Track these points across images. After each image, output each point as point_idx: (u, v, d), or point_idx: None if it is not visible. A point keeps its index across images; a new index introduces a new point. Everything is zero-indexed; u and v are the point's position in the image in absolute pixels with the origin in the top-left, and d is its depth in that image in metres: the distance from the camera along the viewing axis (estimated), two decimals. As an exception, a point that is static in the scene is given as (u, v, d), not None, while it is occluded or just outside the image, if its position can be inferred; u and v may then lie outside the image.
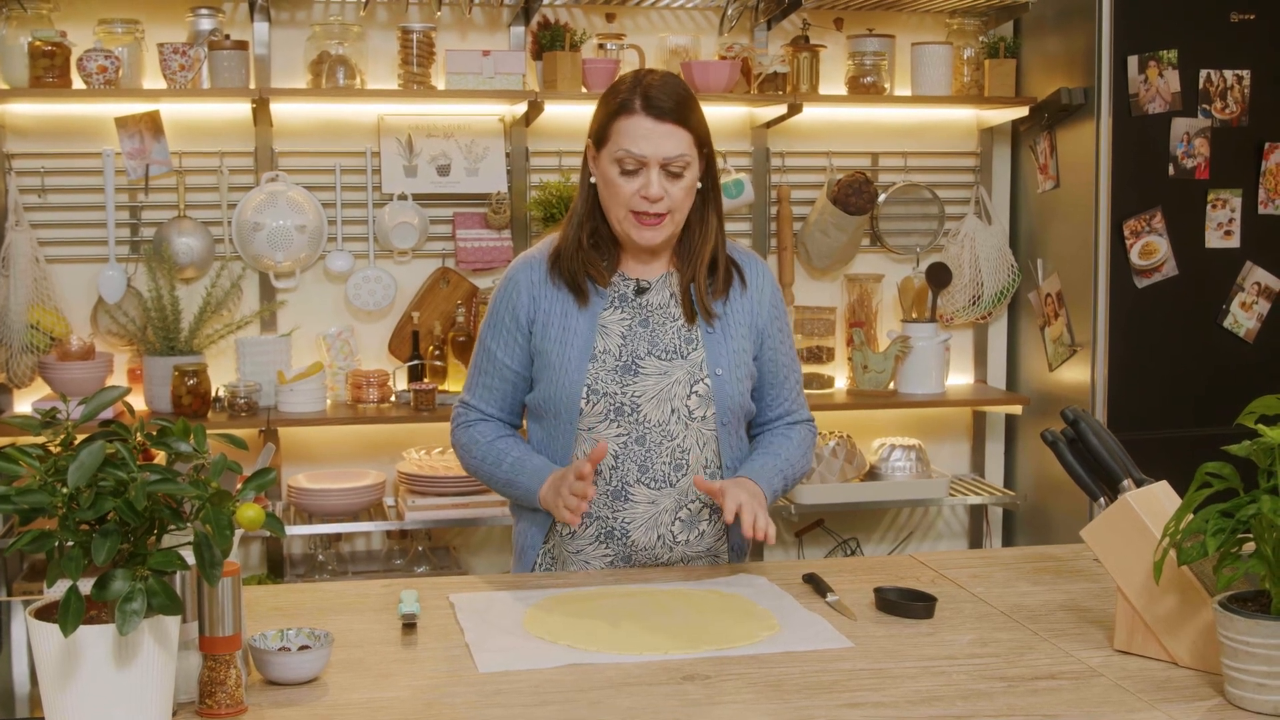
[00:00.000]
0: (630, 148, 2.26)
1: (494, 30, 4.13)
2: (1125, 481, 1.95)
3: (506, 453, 2.38)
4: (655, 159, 2.26)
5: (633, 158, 2.26)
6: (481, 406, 2.44)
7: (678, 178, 2.29)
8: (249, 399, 3.81)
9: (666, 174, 2.28)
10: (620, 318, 2.36)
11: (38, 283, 3.78)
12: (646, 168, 2.27)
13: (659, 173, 2.27)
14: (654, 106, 2.26)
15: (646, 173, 2.27)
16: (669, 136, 2.27)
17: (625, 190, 2.28)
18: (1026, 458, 4.43)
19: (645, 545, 2.36)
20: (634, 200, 2.28)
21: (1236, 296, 4.02)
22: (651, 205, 2.28)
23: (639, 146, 2.26)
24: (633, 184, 2.27)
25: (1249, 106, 3.97)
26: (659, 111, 2.26)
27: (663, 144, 2.26)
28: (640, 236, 2.31)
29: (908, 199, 4.38)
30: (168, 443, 1.59)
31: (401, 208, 4.03)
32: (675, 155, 2.27)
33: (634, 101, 2.27)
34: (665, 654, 1.88)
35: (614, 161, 2.28)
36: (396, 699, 1.73)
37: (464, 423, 2.46)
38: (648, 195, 2.27)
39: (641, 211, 2.28)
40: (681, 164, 2.28)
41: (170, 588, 1.49)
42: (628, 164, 2.27)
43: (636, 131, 2.26)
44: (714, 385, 2.34)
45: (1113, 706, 1.70)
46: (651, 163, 2.26)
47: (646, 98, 2.27)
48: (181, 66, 3.76)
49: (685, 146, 2.28)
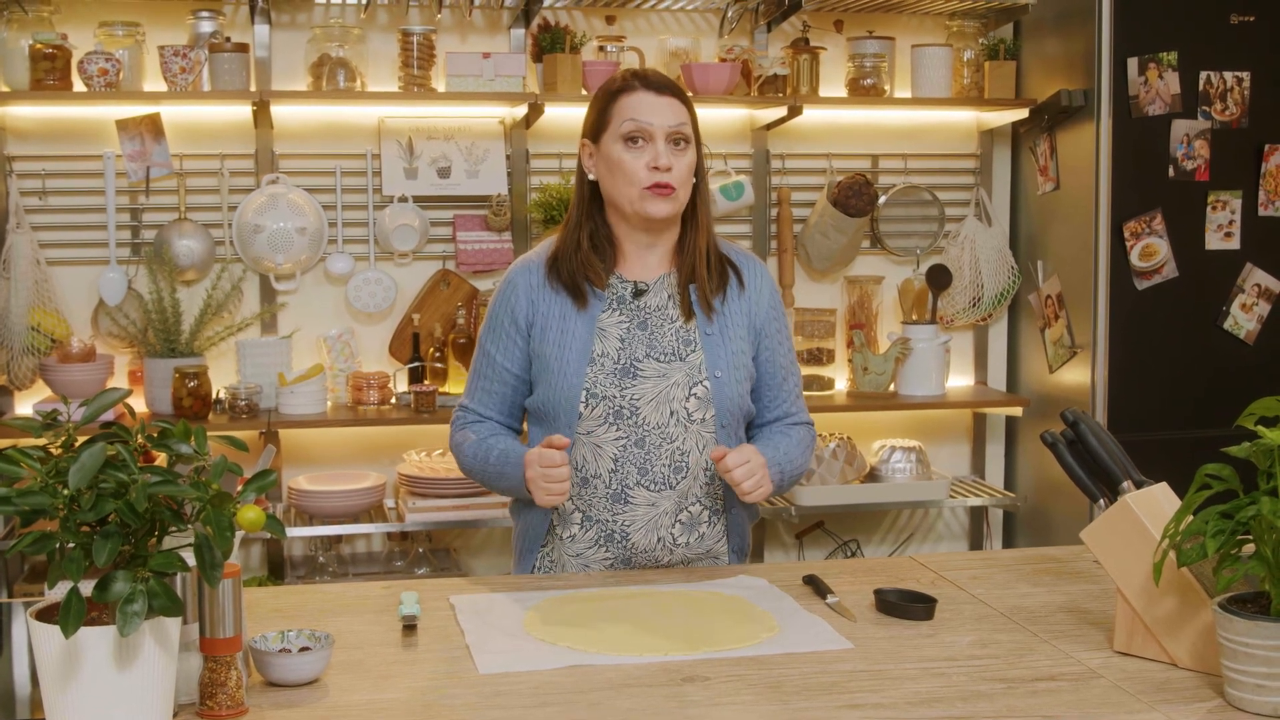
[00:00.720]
0: (637, 117, 2.31)
1: (494, 33, 4.13)
2: (1125, 483, 1.95)
3: (494, 446, 2.39)
4: (661, 128, 2.31)
5: (639, 126, 2.31)
6: (480, 410, 2.44)
7: (681, 150, 2.33)
8: (250, 401, 3.81)
9: (672, 145, 2.32)
10: (618, 320, 2.36)
11: (39, 285, 3.79)
12: (653, 140, 2.31)
13: (665, 143, 2.31)
14: (651, 83, 2.35)
15: (654, 145, 2.31)
16: (670, 107, 2.33)
17: (634, 165, 2.31)
18: (1026, 459, 4.43)
19: (645, 548, 2.36)
20: (644, 174, 2.30)
21: (1236, 298, 4.02)
22: (662, 174, 2.30)
23: (644, 116, 2.31)
24: (642, 157, 2.31)
25: (1249, 108, 3.97)
26: (658, 86, 2.35)
27: (666, 114, 2.32)
28: (655, 208, 2.32)
29: (908, 201, 4.38)
30: (168, 444, 1.59)
31: (402, 210, 4.03)
32: (678, 124, 2.33)
33: (633, 81, 2.36)
34: (665, 655, 1.88)
35: (619, 139, 2.32)
36: (397, 700, 1.73)
37: (461, 424, 2.47)
38: (658, 165, 2.30)
39: (655, 183, 2.30)
40: (685, 135, 2.34)
41: (171, 589, 1.50)
42: (634, 138, 2.31)
43: (640, 104, 2.32)
44: (713, 387, 2.34)
45: (1112, 708, 1.70)
46: (658, 132, 2.31)
47: (643, 78, 2.36)
48: (182, 69, 3.77)
49: (685, 118, 2.35)
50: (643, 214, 2.33)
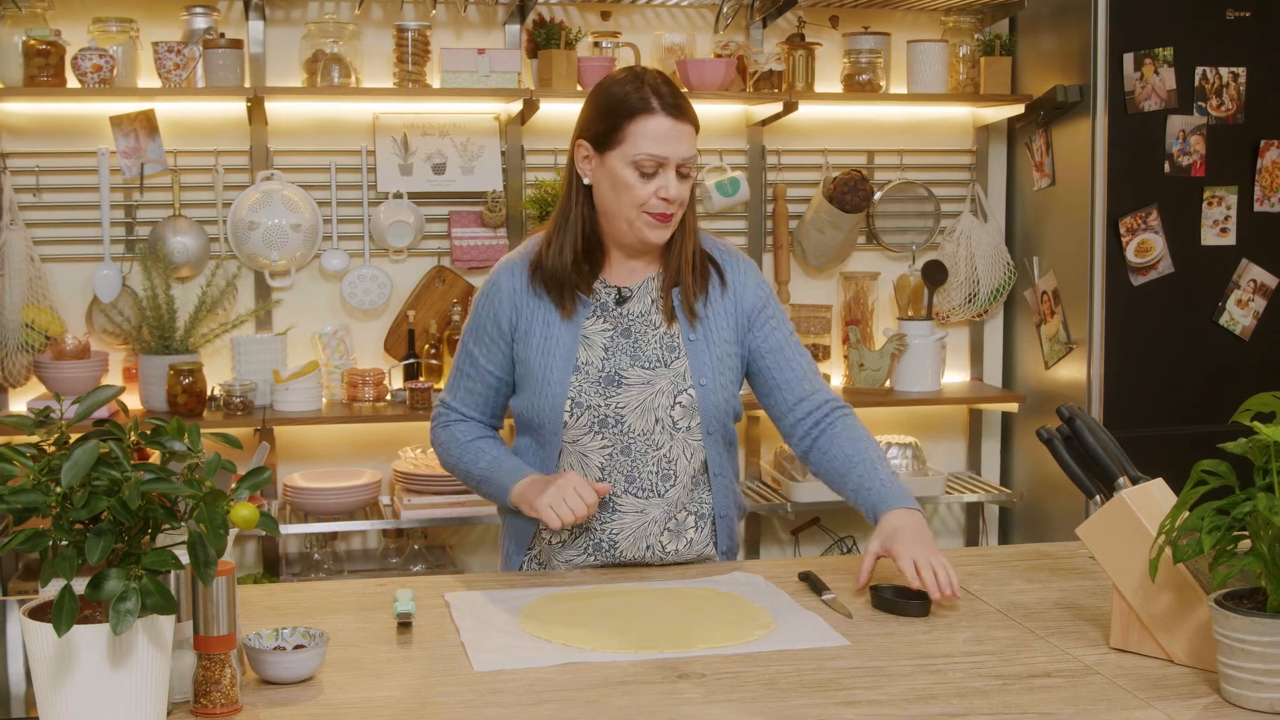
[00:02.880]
0: (653, 150, 2.23)
1: (489, 28, 4.13)
2: (1121, 479, 1.95)
3: (485, 451, 2.38)
4: (675, 160, 2.24)
5: (654, 160, 2.23)
6: (461, 409, 2.43)
7: (686, 178, 2.28)
8: (244, 398, 3.80)
9: (679, 174, 2.26)
10: (602, 328, 2.33)
11: (33, 282, 3.78)
12: (665, 169, 2.24)
13: (673, 173, 2.25)
14: (671, 106, 2.24)
15: (665, 174, 2.24)
16: (686, 137, 2.26)
17: (642, 192, 2.24)
18: (1022, 456, 4.43)
19: (633, 556, 2.34)
20: (651, 202, 2.25)
21: (1232, 294, 4.02)
22: (668, 206, 2.26)
23: (661, 149, 2.23)
24: (650, 186, 2.24)
25: (1245, 104, 3.97)
26: (677, 111, 2.25)
27: (681, 145, 2.25)
28: (655, 235, 2.28)
29: (903, 197, 4.38)
30: (162, 442, 1.58)
31: (397, 206, 4.02)
32: (690, 156, 2.26)
33: (651, 101, 2.24)
34: (661, 652, 1.88)
35: (630, 164, 2.23)
36: (391, 698, 1.73)
37: (444, 422, 2.45)
38: (667, 197, 2.24)
39: (659, 213, 2.26)
40: (692, 165, 2.27)
41: (164, 587, 1.49)
42: (647, 166, 2.23)
43: (659, 133, 2.23)
44: (699, 396, 2.32)
45: (1108, 704, 1.70)
46: (671, 164, 2.24)
47: (660, 96, 2.24)
48: (176, 65, 3.76)
49: (695, 146, 2.28)
50: (640, 238, 2.29)
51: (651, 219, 2.26)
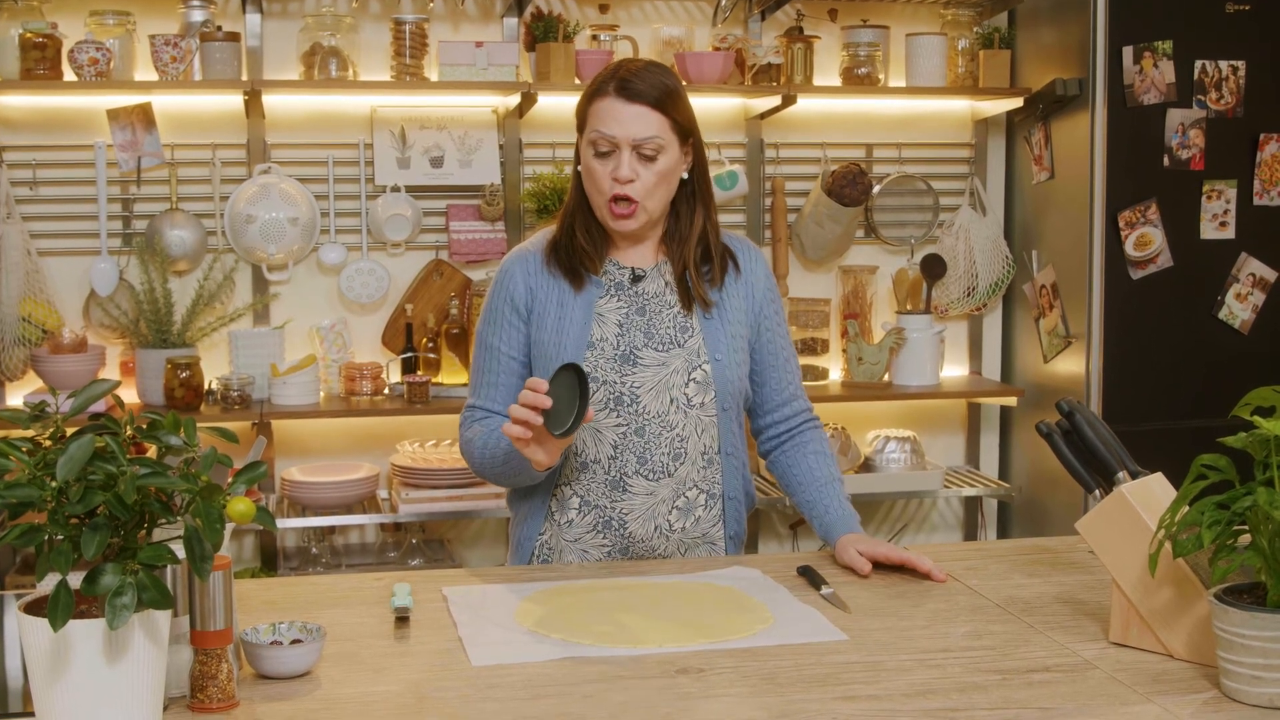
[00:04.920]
0: (602, 128, 2.28)
1: (487, 21, 4.12)
2: (1120, 473, 1.95)
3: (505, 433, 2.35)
4: (626, 140, 2.27)
5: (605, 138, 2.28)
6: (488, 405, 2.40)
7: (650, 161, 2.28)
8: (242, 392, 3.80)
9: (639, 157, 2.28)
10: (616, 305, 2.36)
11: (30, 275, 3.77)
12: (618, 150, 2.27)
13: (630, 155, 2.27)
14: (626, 89, 2.28)
15: (618, 155, 2.28)
16: (640, 118, 2.27)
17: (601, 174, 2.29)
18: (1021, 450, 4.43)
19: (642, 536, 2.36)
20: (608, 184, 2.28)
21: (1232, 288, 4.01)
22: (622, 187, 2.27)
23: (609, 127, 2.27)
24: (606, 166, 2.29)
25: (1244, 97, 3.96)
26: (631, 93, 2.27)
27: (633, 125, 2.27)
28: (617, 225, 2.32)
29: (902, 190, 4.37)
30: (158, 436, 1.58)
31: (394, 200, 4.01)
32: (646, 137, 2.27)
33: (608, 85, 2.29)
34: (659, 647, 1.87)
35: (589, 144, 2.30)
36: (389, 692, 1.72)
37: (469, 423, 2.41)
38: (618, 176, 2.27)
39: (616, 196, 2.28)
40: (653, 147, 2.28)
41: (161, 582, 1.49)
42: (601, 145, 2.28)
43: (608, 113, 2.28)
44: (713, 370, 2.34)
45: (1108, 699, 1.70)
46: (623, 144, 2.27)
47: (619, 80, 2.29)
48: (173, 58, 3.75)
49: (657, 129, 2.28)
50: (608, 227, 2.34)
51: (612, 208, 2.30)
